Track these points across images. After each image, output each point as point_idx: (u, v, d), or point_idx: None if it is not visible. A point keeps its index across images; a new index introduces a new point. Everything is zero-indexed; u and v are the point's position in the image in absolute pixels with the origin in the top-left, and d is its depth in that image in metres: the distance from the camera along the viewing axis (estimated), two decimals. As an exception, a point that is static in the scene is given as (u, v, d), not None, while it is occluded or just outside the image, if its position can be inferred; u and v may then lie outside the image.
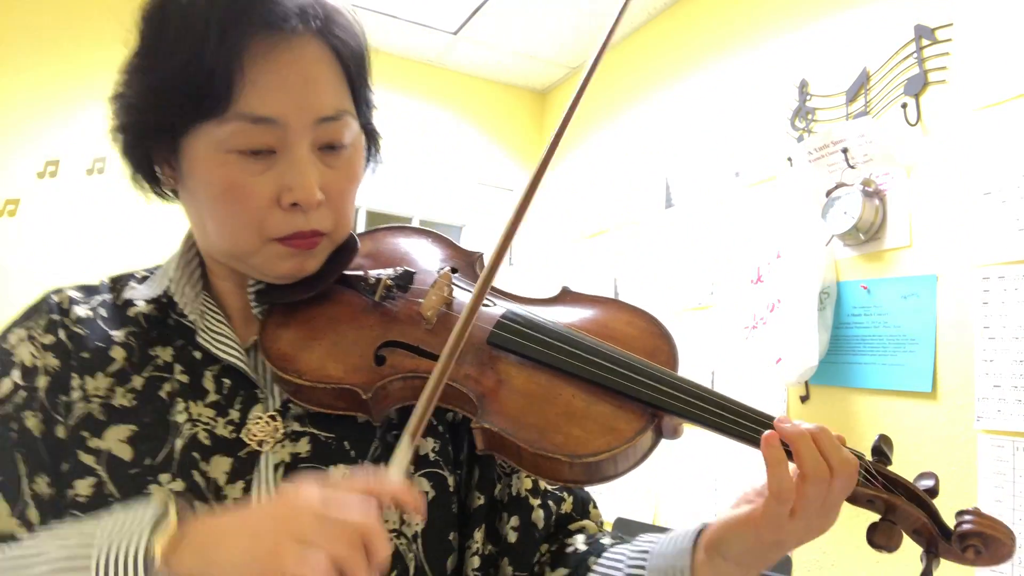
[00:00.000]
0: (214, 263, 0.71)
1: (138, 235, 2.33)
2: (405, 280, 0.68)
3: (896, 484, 0.60)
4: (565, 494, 0.76)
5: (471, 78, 3.00)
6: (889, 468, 0.61)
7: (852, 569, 1.57)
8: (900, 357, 1.53)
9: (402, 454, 0.53)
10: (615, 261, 2.49)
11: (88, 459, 0.61)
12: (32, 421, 0.62)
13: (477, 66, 2.93)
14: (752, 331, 1.77)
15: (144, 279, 0.74)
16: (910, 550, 0.64)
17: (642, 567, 0.64)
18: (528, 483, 0.73)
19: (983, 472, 1.35)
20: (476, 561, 0.69)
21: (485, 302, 0.67)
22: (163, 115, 0.62)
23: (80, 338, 0.66)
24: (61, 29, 2.31)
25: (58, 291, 0.70)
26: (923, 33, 1.56)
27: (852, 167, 1.64)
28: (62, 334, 0.66)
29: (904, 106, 1.58)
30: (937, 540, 0.59)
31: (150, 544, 0.50)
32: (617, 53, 2.70)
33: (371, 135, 0.73)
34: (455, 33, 2.67)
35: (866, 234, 1.61)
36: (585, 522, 0.76)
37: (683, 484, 2.01)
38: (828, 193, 1.66)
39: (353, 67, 0.67)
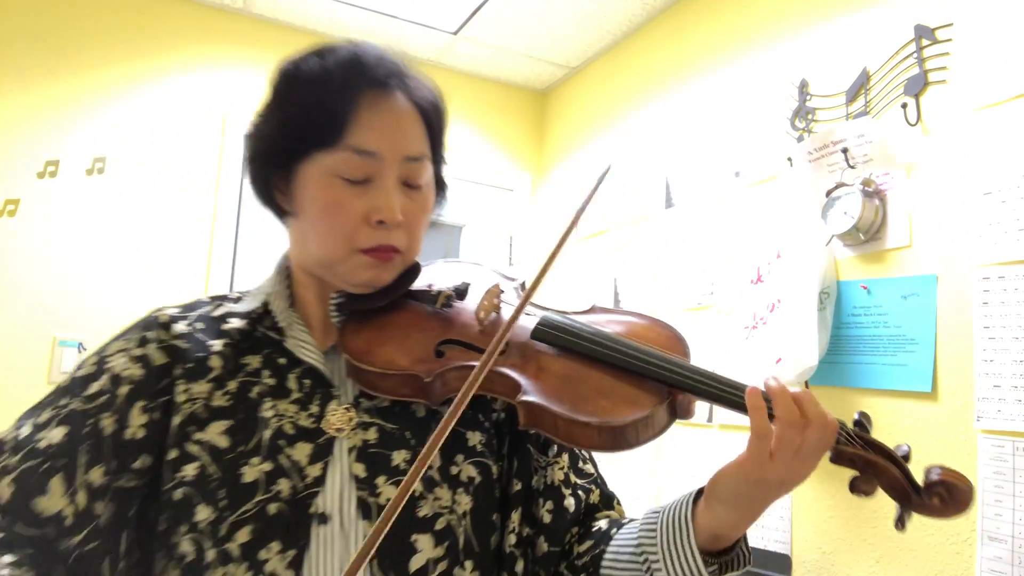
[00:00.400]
0: (304, 277, 0.87)
1: (138, 235, 2.33)
2: (462, 291, 0.84)
3: (874, 446, 0.70)
4: (593, 487, 0.88)
5: (471, 78, 3.00)
6: (868, 436, 0.71)
7: (852, 569, 1.57)
8: (900, 357, 1.53)
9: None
10: (615, 261, 2.49)
11: (193, 448, 0.74)
12: (106, 422, 0.74)
13: (477, 66, 2.93)
14: (752, 331, 1.77)
15: (238, 300, 0.89)
16: (911, 547, 0.64)
17: (653, 526, 0.75)
18: (560, 475, 0.85)
19: (983, 472, 1.35)
20: (513, 539, 0.81)
21: (526, 312, 0.80)
22: (290, 142, 0.79)
23: (182, 351, 0.80)
24: (61, 30, 2.31)
25: (159, 310, 0.84)
26: (923, 33, 1.56)
27: (852, 167, 1.64)
28: (150, 348, 0.79)
29: (904, 106, 1.58)
30: (909, 493, 0.68)
31: None
32: (617, 53, 2.70)
33: (440, 184, 0.89)
34: (455, 33, 2.67)
35: (866, 234, 1.61)
36: (609, 512, 0.88)
37: (684, 485, 2.01)
38: (828, 193, 1.66)
39: (433, 123, 0.84)
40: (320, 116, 0.77)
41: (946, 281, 1.48)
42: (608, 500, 0.89)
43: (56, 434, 0.73)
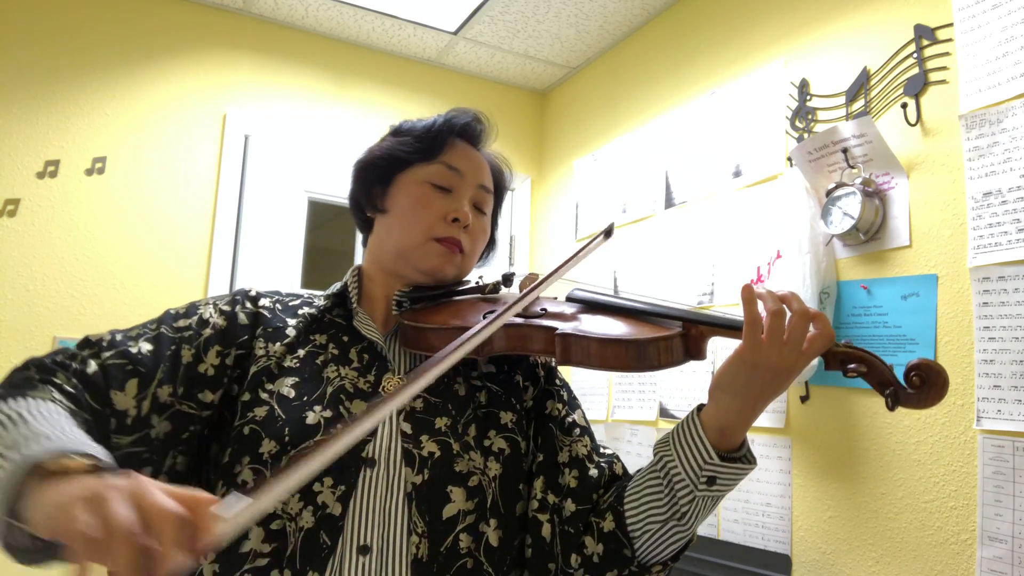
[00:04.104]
0: (375, 273, 1.03)
1: (138, 235, 2.33)
2: (508, 277, 1.03)
3: (860, 348, 0.78)
4: (616, 460, 0.97)
5: (471, 78, 3.00)
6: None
7: (852, 569, 1.57)
8: (900, 357, 1.53)
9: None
10: (615, 260, 2.49)
11: (264, 395, 0.87)
12: (186, 352, 0.87)
13: (477, 66, 2.93)
14: (752, 331, 1.77)
15: (310, 300, 1.03)
16: (911, 547, 0.64)
17: (666, 437, 0.86)
18: (583, 450, 0.95)
19: (983, 472, 1.35)
20: (535, 504, 0.92)
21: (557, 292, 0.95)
22: (400, 154, 1.01)
23: (266, 317, 0.95)
24: (61, 30, 2.31)
25: (248, 290, 1.00)
26: (923, 33, 1.56)
27: (852, 167, 1.64)
28: (239, 309, 0.95)
29: (904, 106, 1.58)
30: (892, 381, 0.77)
31: (50, 461, 0.58)
32: (617, 53, 2.70)
33: (492, 237, 1.11)
34: (455, 33, 2.67)
35: (866, 234, 1.61)
36: None
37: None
38: (828, 193, 1.66)
39: (499, 182, 1.10)
40: (425, 139, 1.01)
41: (946, 281, 1.48)
42: (630, 475, 0.97)
43: (145, 347, 0.85)
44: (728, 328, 0.82)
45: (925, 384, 0.75)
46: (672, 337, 0.82)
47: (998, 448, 1.33)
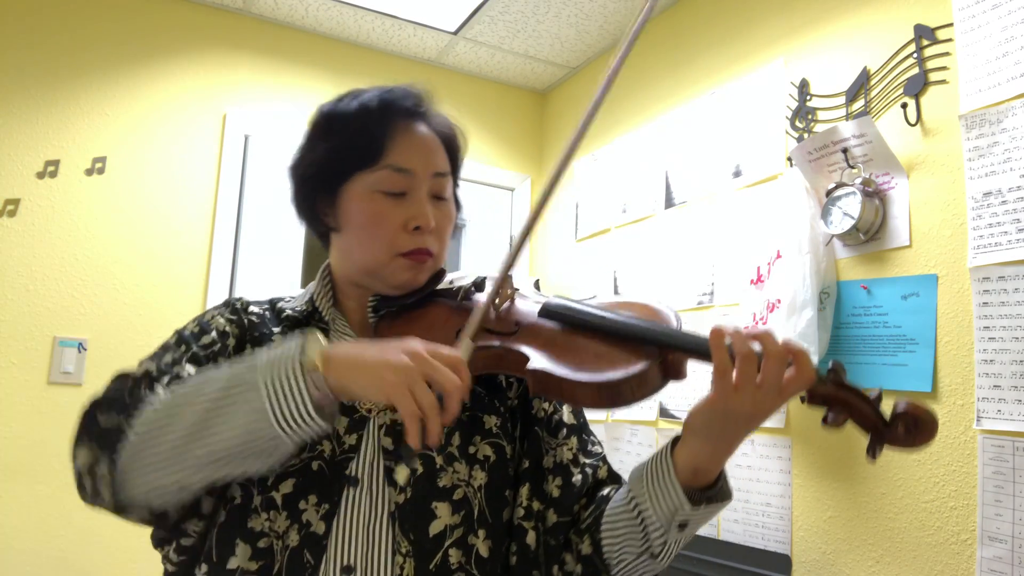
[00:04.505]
0: (346, 286, 0.98)
1: (138, 235, 2.33)
2: (480, 283, 0.95)
3: (845, 386, 0.73)
4: (601, 464, 0.95)
5: (471, 78, 3.00)
6: (840, 379, 0.76)
7: (852, 569, 1.57)
8: (900, 357, 1.53)
9: (464, 346, 0.77)
10: (615, 261, 2.49)
11: None
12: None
13: (477, 66, 2.93)
14: (752, 331, 1.77)
15: (289, 300, 1.00)
16: (911, 547, 0.64)
17: (640, 473, 0.84)
18: (569, 455, 0.94)
19: (983, 472, 1.35)
20: (521, 511, 0.89)
21: (535, 301, 0.90)
22: (337, 166, 0.91)
23: (256, 324, 0.94)
24: (61, 30, 2.31)
25: (238, 299, 0.98)
26: (923, 33, 1.56)
27: (852, 167, 1.64)
28: (242, 317, 0.93)
29: (904, 106, 1.58)
30: (878, 425, 0.72)
31: (304, 356, 0.70)
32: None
33: (456, 202, 1.02)
34: (455, 33, 2.67)
35: (866, 234, 1.61)
36: (617, 486, 0.95)
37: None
38: (828, 193, 1.66)
39: (452, 148, 0.98)
40: (362, 142, 0.90)
41: (946, 281, 1.48)
42: (616, 477, 0.97)
43: (191, 368, 0.84)
44: (706, 354, 0.76)
45: (911, 433, 0.71)
46: (646, 371, 0.77)
47: (998, 448, 1.33)
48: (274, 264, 2.50)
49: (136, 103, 2.38)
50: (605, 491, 0.92)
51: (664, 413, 2.14)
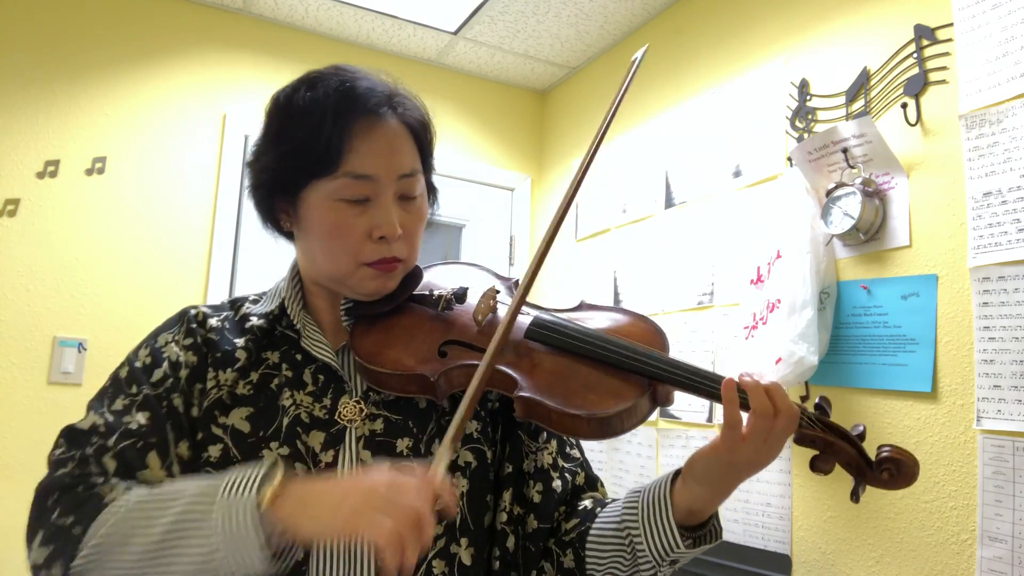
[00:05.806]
0: (314, 287, 0.93)
1: (138, 235, 2.33)
2: (461, 294, 0.91)
3: (832, 428, 0.77)
4: (579, 470, 0.95)
5: (471, 78, 3.00)
6: (827, 419, 0.79)
7: (852, 569, 1.57)
8: (900, 357, 1.53)
9: (444, 454, 0.68)
10: (615, 261, 2.49)
11: (218, 431, 0.82)
12: (177, 401, 0.83)
13: (477, 66, 2.93)
14: (752, 331, 1.77)
15: (256, 301, 0.95)
16: (911, 547, 0.64)
17: (635, 503, 0.83)
18: (549, 459, 0.92)
19: (983, 472, 1.35)
20: (504, 516, 0.89)
21: (522, 312, 0.86)
22: (290, 173, 0.85)
23: (214, 342, 0.88)
24: (61, 30, 2.31)
25: (194, 307, 0.92)
26: (923, 33, 1.56)
27: (852, 167, 1.64)
28: (199, 339, 0.87)
29: (904, 106, 1.58)
30: (863, 468, 0.76)
31: (260, 491, 0.66)
32: (617, 53, 2.70)
33: (432, 190, 0.97)
34: (455, 33, 2.67)
35: (866, 234, 1.61)
36: (594, 493, 0.96)
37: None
38: (828, 193, 1.66)
39: (422, 138, 0.91)
40: (317, 148, 0.82)
41: (946, 281, 1.48)
42: (592, 482, 0.97)
43: (141, 417, 0.81)
44: (698, 390, 0.78)
45: (894, 478, 0.75)
46: (636, 404, 0.77)
47: (998, 448, 1.33)
48: (274, 264, 2.49)
49: (136, 103, 2.38)
50: (587, 503, 0.92)
51: (664, 413, 2.14)
